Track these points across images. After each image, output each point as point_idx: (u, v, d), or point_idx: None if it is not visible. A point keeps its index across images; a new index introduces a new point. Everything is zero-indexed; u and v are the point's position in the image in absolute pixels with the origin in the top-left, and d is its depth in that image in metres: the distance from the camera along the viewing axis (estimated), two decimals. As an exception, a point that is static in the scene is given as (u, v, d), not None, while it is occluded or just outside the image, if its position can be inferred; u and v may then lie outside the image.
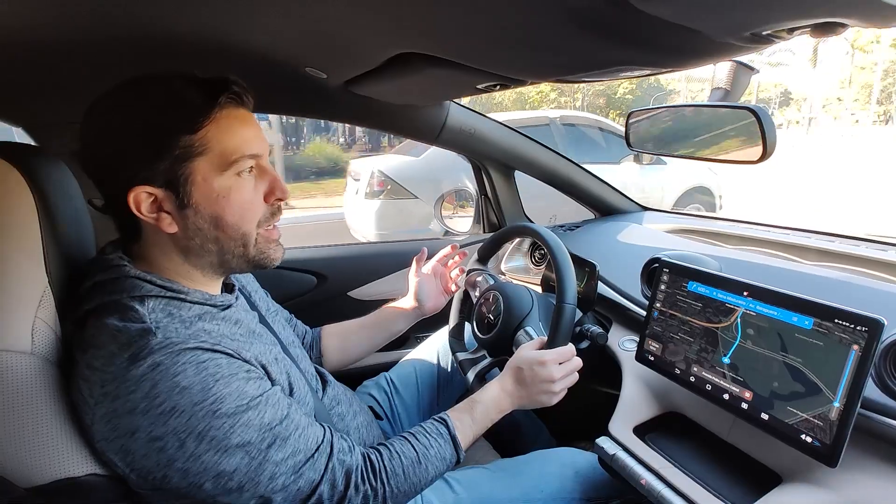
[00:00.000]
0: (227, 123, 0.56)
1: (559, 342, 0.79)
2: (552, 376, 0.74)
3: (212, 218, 0.57)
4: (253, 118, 0.60)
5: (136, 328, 0.51)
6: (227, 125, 0.56)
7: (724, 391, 0.68)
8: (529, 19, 0.46)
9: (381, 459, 0.63)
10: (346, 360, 0.97)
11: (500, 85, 0.78)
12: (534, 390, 0.75)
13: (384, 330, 0.99)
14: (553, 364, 0.75)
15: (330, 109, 1.17)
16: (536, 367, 0.75)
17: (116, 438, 0.49)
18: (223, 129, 0.55)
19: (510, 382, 0.76)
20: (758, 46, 0.42)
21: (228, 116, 0.56)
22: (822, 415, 0.56)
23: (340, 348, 0.96)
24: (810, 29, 0.35)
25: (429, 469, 0.66)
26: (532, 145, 1.34)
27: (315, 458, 0.57)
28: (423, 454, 0.66)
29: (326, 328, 0.98)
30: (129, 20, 0.61)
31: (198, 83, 0.55)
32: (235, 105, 0.57)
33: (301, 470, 0.56)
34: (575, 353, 0.78)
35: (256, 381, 0.55)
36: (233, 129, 0.56)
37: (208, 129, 0.54)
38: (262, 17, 0.61)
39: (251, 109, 0.60)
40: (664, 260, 0.80)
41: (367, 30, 0.62)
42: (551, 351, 0.77)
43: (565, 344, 0.79)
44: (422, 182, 3.71)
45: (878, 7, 0.29)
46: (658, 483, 0.66)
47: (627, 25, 0.42)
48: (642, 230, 1.30)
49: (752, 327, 0.66)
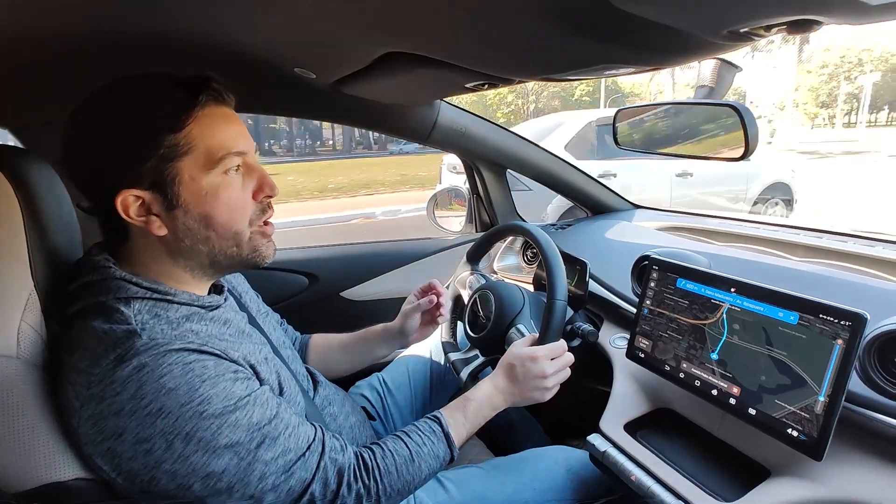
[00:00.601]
0: (211, 121, 0.56)
1: (550, 338, 0.79)
2: (544, 372, 0.75)
3: (201, 217, 0.56)
4: (236, 116, 0.60)
5: (122, 330, 0.51)
6: (211, 122, 0.56)
7: (712, 387, 0.68)
8: (512, 19, 0.46)
9: (374, 458, 0.63)
10: (326, 374, 0.95)
11: (487, 84, 0.79)
12: (526, 387, 0.75)
13: (366, 354, 0.97)
14: (545, 360, 0.75)
15: (320, 109, 1.16)
16: (528, 363, 0.75)
17: (103, 441, 0.49)
18: (207, 127, 0.55)
19: (502, 379, 0.76)
20: (737, 44, 0.42)
21: (211, 114, 0.56)
22: (808, 407, 0.57)
23: (322, 363, 0.95)
24: (786, 26, 0.36)
25: (422, 467, 0.66)
26: (523, 144, 1.34)
27: (306, 457, 0.57)
28: (417, 452, 0.66)
29: (314, 338, 0.97)
30: (116, 21, 0.61)
31: (177, 82, 0.55)
32: (217, 103, 0.57)
33: (292, 469, 0.55)
34: (567, 348, 0.79)
35: (244, 381, 0.55)
36: (216, 127, 0.56)
37: (192, 127, 0.54)
38: (249, 18, 0.61)
39: (233, 107, 0.60)
40: (653, 257, 0.81)
41: (354, 30, 0.62)
42: (543, 347, 0.77)
43: (557, 340, 0.79)
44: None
45: (849, 4, 0.30)
46: (648, 479, 0.66)
47: (608, 24, 0.42)
48: (633, 228, 1.31)
49: (738, 322, 0.66)
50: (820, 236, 1.03)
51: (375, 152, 23.97)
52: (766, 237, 1.10)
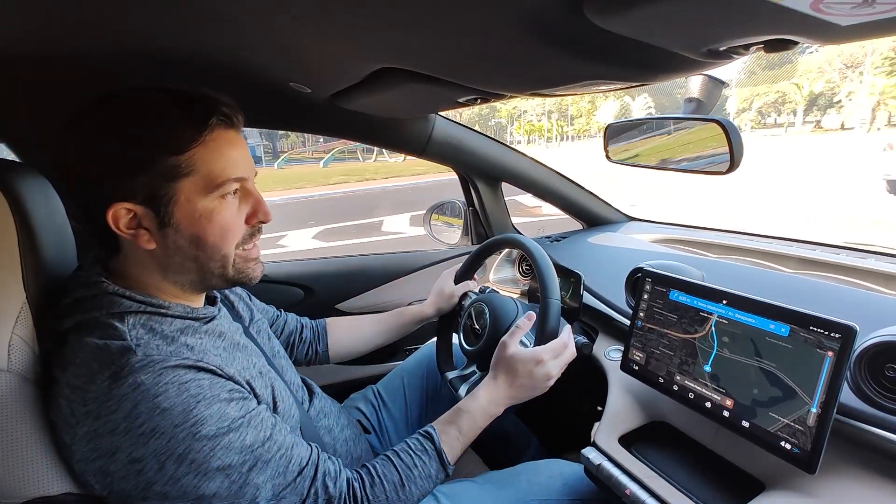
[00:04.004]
0: (216, 146, 0.55)
1: (548, 337, 0.79)
2: (550, 374, 0.76)
3: (192, 238, 0.56)
4: (241, 140, 0.59)
5: (117, 346, 0.50)
6: (216, 147, 0.55)
7: (706, 399, 0.68)
8: (498, 36, 0.47)
9: (364, 488, 0.62)
10: (356, 349, 1.01)
11: (480, 98, 0.80)
12: (530, 388, 0.76)
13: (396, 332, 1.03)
14: (550, 361, 0.76)
15: (316, 123, 1.18)
16: (533, 367, 0.76)
17: (96, 459, 0.49)
18: (211, 151, 0.55)
19: (503, 386, 0.76)
20: (718, 61, 0.43)
21: (217, 139, 0.55)
22: (801, 419, 0.57)
23: (350, 338, 1.00)
24: (763, 45, 0.36)
25: (413, 490, 0.65)
26: (517, 157, 1.36)
27: (297, 483, 0.57)
28: (407, 475, 0.65)
29: (331, 321, 1.00)
30: (112, 34, 0.62)
31: (186, 102, 0.54)
32: (225, 127, 0.56)
33: (282, 493, 0.55)
34: (567, 343, 0.79)
35: (239, 401, 0.55)
36: (221, 152, 0.55)
37: (196, 150, 0.53)
38: (245, 34, 0.62)
39: (241, 130, 0.59)
40: (647, 270, 0.81)
41: (348, 46, 0.63)
42: (544, 348, 0.77)
43: (554, 339, 0.79)
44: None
45: (820, 25, 0.31)
46: (642, 492, 0.65)
47: (591, 42, 0.43)
48: (628, 240, 1.31)
49: (727, 335, 0.66)
50: (813, 248, 1.03)
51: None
52: (759, 249, 1.11)
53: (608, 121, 15.84)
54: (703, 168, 0.74)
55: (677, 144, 0.81)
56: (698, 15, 0.33)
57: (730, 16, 0.32)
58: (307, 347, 0.96)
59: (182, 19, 0.57)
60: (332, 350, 0.97)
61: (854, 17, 0.29)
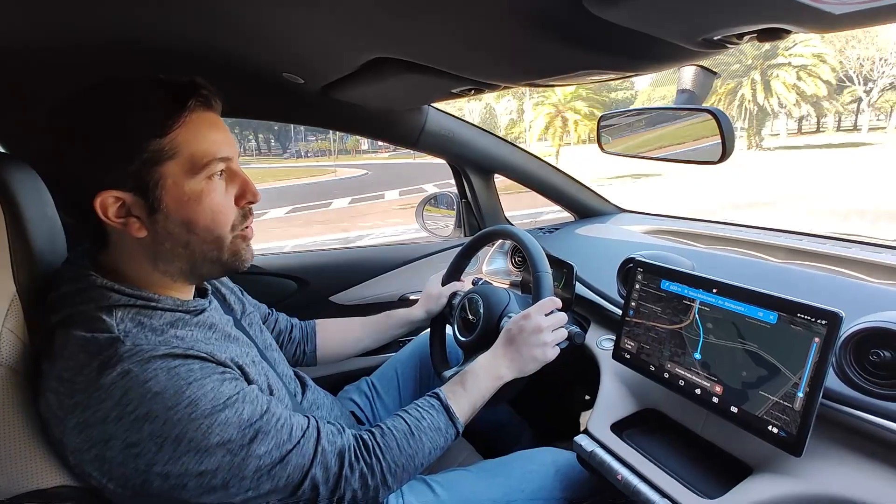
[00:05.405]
0: (197, 127, 0.55)
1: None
2: (539, 326, 0.77)
3: (183, 222, 0.56)
4: (221, 122, 0.60)
5: (105, 338, 0.50)
6: (197, 128, 0.55)
7: (696, 386, 0.70)
8: (494, 25, 0.47)
9: (374, 437, 0.64)
10: (344, 352, 1.00)
11: (474, 89, 0.80)
12: (526, 346, 0.77)
13: (385, 334, 1.03)
14: (537, 314, 0.78)
15: (309, 114, 1.17)
16: (522, 321, 0.77)
17: (90, 448, 0.48)
18: (193, 133, 0.55)
19: (501, 347, 0.78)
20: (712, 51, 0.44)
21: (197, 120, 0.56)
22: (788, 396, 0.58)
23: (339, 340, 0.99)
24: (757, 34, 0.37)
25: (423, 440, 0.66)
26: (510, 148, 1.36)
27: (301, 445, 0.57)
28: (416, 426, 0.67)
29: (322, 321, 1.00)
30: (102, 26, 0.61)
31: (165, 86, 0.55)
32: (204, 108, 0.57)
33: (287, 458, 0.55)
34: (558, 305, 0.81)
35: (232, 381, 0.55)
36: (202, 133, 0.56)
37: (178, 132, 0.54)
38: (237, 24, 0.61)
39: (220, 112, 0.60)
40: (638, 259, 0.82)
41: (341, 35, 0.63)
42: (533, 306, 0.79)
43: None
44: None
45: (815, 13, 0.31)
46: (633, 478, 0.67)
47: (587, 31, 0.43)
48: (619, 231, 1.32)
49: (710, 321, 0.68)
50: (800, 238, 1.05)
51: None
52: (748, 239, 1.12)
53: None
54: (697, 158, 0.75)
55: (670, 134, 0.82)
56: (695, 4, 0.33)
57: (725, 4, 0.33)
58: (295, 347, 0.95)
59: (173, 9, 0.56)
60: (321, 351, 0.97)
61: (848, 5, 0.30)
